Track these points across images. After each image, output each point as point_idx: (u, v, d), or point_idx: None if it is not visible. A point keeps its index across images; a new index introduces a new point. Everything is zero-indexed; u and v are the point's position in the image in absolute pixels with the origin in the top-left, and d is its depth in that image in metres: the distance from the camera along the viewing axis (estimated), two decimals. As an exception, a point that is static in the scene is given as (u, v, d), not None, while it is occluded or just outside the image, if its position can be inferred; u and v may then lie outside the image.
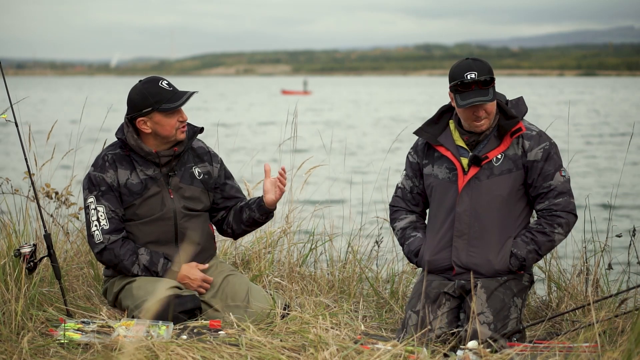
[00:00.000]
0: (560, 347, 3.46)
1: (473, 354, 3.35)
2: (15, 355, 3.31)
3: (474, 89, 3.69)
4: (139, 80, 3.98)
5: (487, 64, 3.75)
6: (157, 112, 3.89)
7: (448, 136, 3.87)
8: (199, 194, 4.08)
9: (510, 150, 3.79)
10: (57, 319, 3.81)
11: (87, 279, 4.65)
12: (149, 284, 3.90)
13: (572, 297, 4.42)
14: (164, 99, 3.89)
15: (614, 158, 22.67)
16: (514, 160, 3.78)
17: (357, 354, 3.23)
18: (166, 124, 3.91)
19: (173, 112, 3.91)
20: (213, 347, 3.32)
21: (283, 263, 5.03)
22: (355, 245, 5.07)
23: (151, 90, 3.90)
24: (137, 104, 3.91)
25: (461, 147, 3.84)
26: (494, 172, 3.77)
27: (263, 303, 3.96)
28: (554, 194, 3.76)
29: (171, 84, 3.96)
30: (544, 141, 3.79)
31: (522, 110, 3.87)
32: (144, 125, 3.92)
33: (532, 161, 3.77)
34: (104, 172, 3.96)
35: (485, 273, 3.78)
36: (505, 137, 3.78)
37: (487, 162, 3.77)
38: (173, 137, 3.95)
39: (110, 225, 3.93)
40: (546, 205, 3.77)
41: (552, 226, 3.75)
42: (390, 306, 4.58)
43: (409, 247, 4.00)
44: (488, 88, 3.70)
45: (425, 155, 3.96)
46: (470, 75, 3.68)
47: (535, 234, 3.77)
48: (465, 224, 3.79)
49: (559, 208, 3.76)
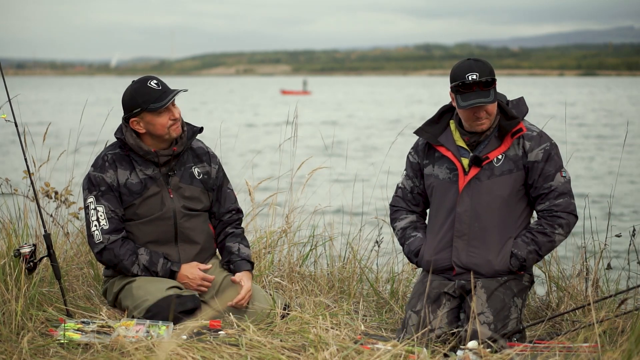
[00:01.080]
0: (560, 347, 3.46)
1: (473, 354, 3.35)
2: (15, 355, 3.31)
3: (475, 90, 3.68)
4: (132, 81, 3.99)
5: (488, 64, 3.75)
6: (147, 112, 3.90)
7: (449, 136, 3.88)
8: (198, 193, 4.08)
9: (511, 151, 3.79)
10: (57, 319, 3.81)
11: (87, 279, 4.65)
12: (148, 284, 3.90)
13: (572, 297, 4.42)
14: (152, 98, 3.89)
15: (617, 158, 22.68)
16: (515, 160, 3.78)
17: (357, 354, 3.23)
18: (157, 123, 3.91)
19: (162, 111, 3.91)
20: (213, 347, 3.32)
21: (283, 263, 5.03)
22: (355, 245, 5.07)
23: (140, 90, 3.91)
24: (128, 105, 3.93)
25: (462, 148, 3.84)
26: (495, 173, 3.77)
27: (263, 303, 3.96)
28: (555, 194, 3.76)
29: (161, 82, 3.95)
30: (544, 142, 3.79)
31: (522, 110, 3.87)
32: (137, 125, 3.94)
33: (532, 162, 3.77)
34: (104, 172, 3.96)
35: (485, 273, 3.78)
36: (506, 137, 3.78)
37: (487, 163, 3.77)
38: (167, 135, 3.95)
39: (110, 225, 3.93)
40: (547, 206, 3.77)
41: (553, 227, 3.75)
42: (390, 306, 4.58)
43: (409, 247, 4.00)
44: (489, 89, 3.70)
45: (425, 156, 3.96)
46: (471, 76, 3.67)
47: (535, 235, 3.77)
48: (465, 224, 3.79)
49: (559, 209, 3.76)
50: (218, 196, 4.18)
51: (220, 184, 4.19)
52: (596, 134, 31.13)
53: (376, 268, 5.07)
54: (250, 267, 4.10)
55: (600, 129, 33.74)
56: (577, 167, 20.17)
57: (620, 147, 24.69)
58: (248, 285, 4.00)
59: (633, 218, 12.30)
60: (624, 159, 20.33)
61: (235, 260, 4.10)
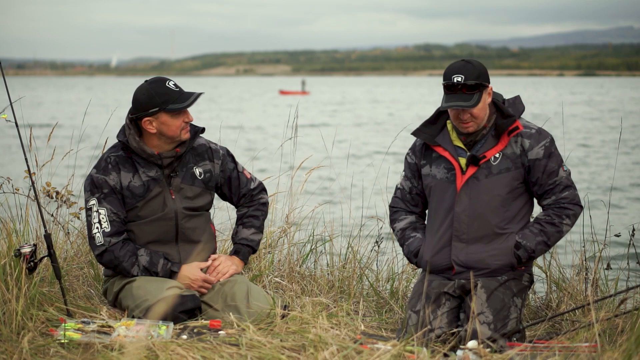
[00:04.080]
0: (560, 347, 3.46)
1: (473, 353, 3.35)
2: (16, 355, 3.31)
3: (457, 93, 3.69)
4: (145, 80, 3.98)
5: (479, 68, 3.74)
6: (164, 113, 3.89)
7: (446, 136, 3.88)
8: (200, 194, 4.08)
9: (509, 149, 3.79)
10: (57, 318, 3.81)
11: (87, 279, 4.65)
12: (149, 283, 3.90)
13: (571, 297, 4.43)
14: (171, 99, 3.89)
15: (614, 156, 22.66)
16: (513, 159, 3.78)
17: (357, 353, 3.23)
18: (172, 124, 3.91)
19: (179, 113, 3.91)
20: (213, 347, 3.32)
21: (283, 263, 5.04)
22: (355, 245, 5.07)
23: (158, 90, 3.90)
24: (144, 104, 3.90)
25: (459, 147, 3.85)
26: (492, 172, 3.78)
27: (263, 303, 3.96)
28: (560, 188, 3.79)
29: (177, 84, 3.96)
30: (543, 138, 3.80)
31: (519, 108, 3.88)
32: (149, 125, 3.92)
33: (534, 160, 3.78)
34: (107, 174, 3.95)
35: (485, 272, 3.79)
36: (502, 136, 3.79)
37: (485, 162, 3.78)
38: (178, 137, 3.95)
39: (112, 227, 3.93)
40: (553, 200, 3.80)
41: (561, 217, 3.77)
42: (390, 306, 4.58)
43: (409, 248, 4.01)
44: (473, 93, 3.70)
45: (423, 156, 3.97)
46: (456, 78, 3.69)
47: (544, 225, 3.78)
48: (464, 223, 3.80)
49: (566, 201, 3.79)
50: (230, 187, 4.20)
51: (228, 176, 4.19)
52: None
53: (376, 268, 5.08)
54: (238, 250, 4.20)
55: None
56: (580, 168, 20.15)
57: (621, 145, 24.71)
58: (223, 265, 4.08)
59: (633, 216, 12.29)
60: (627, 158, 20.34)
61: (234, 244, 4.24)
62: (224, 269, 4.07)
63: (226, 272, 4.07)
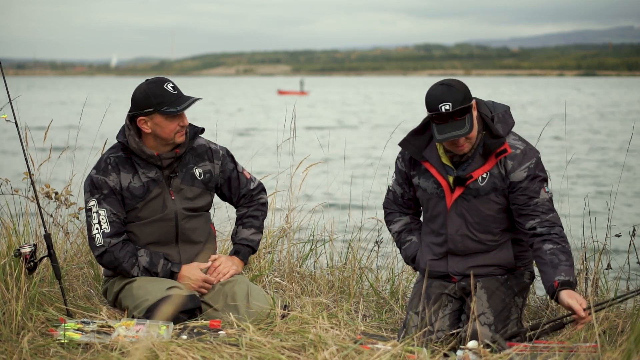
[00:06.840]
0: (560, 347, 3.46)
1: (473, 354, 3.35)
2: (15, 355, 3.31)
3: (449, 122, 3.57)
4: (145, 79, 3.98)
5: (461, 90, 3.58)
6: (158, 114, 3.88)
7: (433, 152, 3.79)
8: (199, 194, 4.08)
9: (495, 169, 3.71)
10: (57, 319, 3.81)
11: (87, 279, 4.65)
12: (149, 284, 3.90)
13: (572, 297, 4.41)
14: (167, 101, 3.88)
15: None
16: (500, 179, 3.71)
17: (357, 353, 3.23)
18: (166, 126, 3.90)
19: (174, 116, 3.90)
20: (213, 347, 3.32)
21: (283, 263, 5.04)
22: (355, 245, 5.07)
23: (155, 91, 3.89)
24: (140, 103, 3.90)
25: (446, 165, 3.77)
26: (480, 193, 3.71)
27: (263, 303, 3.96)
28: (544, 209, 3.67)
29: (177, 87, 3.94)
30: (527, 160, 3.68)
31: (509, 123, 3.76)
32: (144, 124, 3.92)
33: (515, 182, 3.68)
34: (107, 175, 3.95)
35: (486, 274, 3.79)
36: (490, 156, 3.70)
37: (472, 182, 3.72)
38: (172, 140, 3.94)
39: (112, 228, 3.93)
40: (539, 222, 3.66)
41: (564, 240, 3.66)
42: (390, 306, 4.58)
43: (406, 253, 4.01)
44: (464, 117, 3.58)
45: (412, 166, 3.90)
46: (444, 107, 3.54)
47: (567, 256, 3.62)
48: (459, 243, 3.78)
49: (555, 222, 3.67)
50: (230, 187, 4.20)
51: (228, 176, 4.19)
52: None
53: (376, 268, 5.08)
54: (238, 250, 4.20)
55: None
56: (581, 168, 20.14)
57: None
58: (223, 265, 4.08)
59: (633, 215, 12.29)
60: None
61: (234, 244, 4.25)
62: (224, 270, 4.07)
63: (226, 273, 4.07)
